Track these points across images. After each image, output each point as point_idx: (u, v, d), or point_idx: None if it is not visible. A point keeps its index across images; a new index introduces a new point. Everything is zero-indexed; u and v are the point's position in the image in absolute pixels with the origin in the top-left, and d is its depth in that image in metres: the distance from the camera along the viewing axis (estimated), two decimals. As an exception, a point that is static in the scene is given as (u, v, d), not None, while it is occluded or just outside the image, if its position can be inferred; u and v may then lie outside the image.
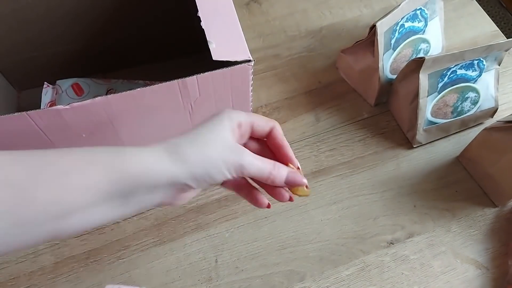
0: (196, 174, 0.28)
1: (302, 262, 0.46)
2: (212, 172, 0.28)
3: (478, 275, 0.46)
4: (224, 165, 0.28)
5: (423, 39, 0.56)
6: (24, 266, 0.45)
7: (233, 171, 0.29)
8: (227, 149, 0.29)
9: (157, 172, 0.27)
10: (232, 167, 0.28)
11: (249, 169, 0.29)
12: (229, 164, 0.28)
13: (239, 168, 0.29)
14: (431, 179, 0.52)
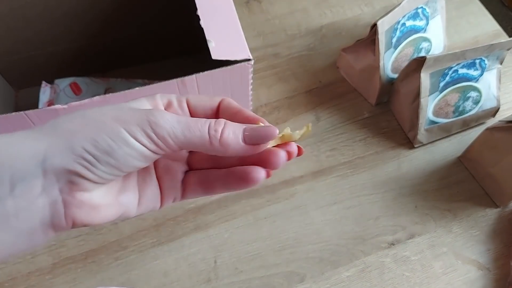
0: (78, 146, 0.19)
1: (302, 263, 0.46)
2: (104, 140, 0.19)
3: (480, 276, 0.46)
4: (122, 127, 0.20)
5: (424, 38, 0.55)
6: (21, 266, 0.45)
7: (141, 133, 0.20)
8: (129, 111, 0.21)
9: (14, 152, 0.19)
10: (138, 127, 0.20)
11: (167, 127, 0.20)
12: (131, 124, 0.20)
13: (149, 125, 0.20)
14: (433, 179, 0.51)
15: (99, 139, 0.20)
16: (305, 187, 0.50)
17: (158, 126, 0.21)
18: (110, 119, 0.20)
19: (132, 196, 0.24)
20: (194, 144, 0.21)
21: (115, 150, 0.20)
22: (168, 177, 0.26)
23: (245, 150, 0.22)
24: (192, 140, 0.21)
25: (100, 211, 0.22)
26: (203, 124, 0.22)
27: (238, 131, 0.22)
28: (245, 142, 0.22)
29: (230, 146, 0.22)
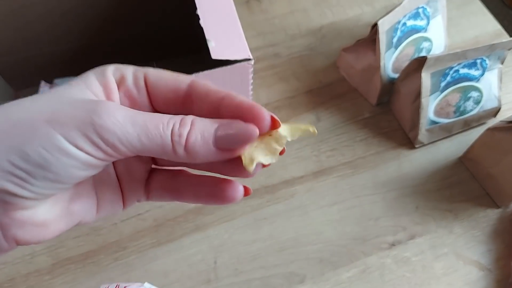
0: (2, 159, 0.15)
1: (302, 263, 0.45)
2: (35, 151, 0.16)
3: (481, 276, 0.45)
4: (58, 132, 0.16)
5: (425, 38, 0.55)
6: (20, 267, 0.45)
7: (84, 139, 0.16)
8: (68, 106, 0.16)
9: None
10: (79, 132, 0.16)
11: (117, 131, 0.16)
12: (69, 128, 0.16)
13: (94, 129, 0.16)
14: (433, 179, 0.51)
15: (28, 150, 0.15)
16: (305, 187, 0.50)
17: (105, 130, 0.16)
18: (41, 122, 0.16)
19: (87, 203, 0.21)
20: (153, 152, 0.17)
21: (51, 163, 0.16)
22: (129, 177, 0.22)
23: (218, 156, 0.18)
24: (151, 148, 0.17)
25: (48, 227, 0.18)
26: (165, 127, 0.17)
27: (208, 132, 0.18)
28: (217, 147, 0.18)
29: (198, 154, 0.18)
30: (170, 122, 0.17)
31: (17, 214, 0.17)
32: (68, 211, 0.19)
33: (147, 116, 0.17)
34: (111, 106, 0.17)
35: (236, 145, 0.18)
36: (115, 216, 0.47)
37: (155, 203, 0.48)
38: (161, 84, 0.20)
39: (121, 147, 0.17)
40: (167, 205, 0.48)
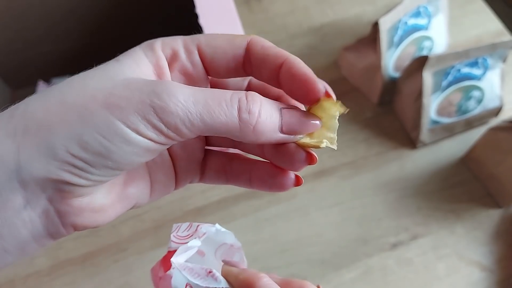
0: (60, 148, 0.15)
1: (303, 265, 0.45)
2: (95, 139, 0.15)
3: (483, 277, 0.45)
4: (117, 118, 0.15)
5: (426, 37, 0.55)
6: (19, 269, 0.44)
7: (145, 124, 0.15)
8: (124, 88, 0.16)
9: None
10: (139, 116, 0.15)
11: (180, 112, 0.15)
12: (128, 113, 0.15)
13: (155, 112, 0.15)
14: (435, 180, 0.51)
15: (88, 138, 0.15)
16: (306, 188, 0.50)
17: (167, 112, 0.15)
18: (98, 106, 0.15)
19: (142, 185, 0.20)
20: (217, 131, 0.16)
21: (112, 151, 0.15)
22: (184, 156, 0.21)
23: (278, 140, 0.18)
24: (215, 127, 0.16)
25: (106, 211, 0.18)
26: (229, 104, 0.16)
27: (275, 114, 0.17)
28: (282, 131, 0.17)
29: (264, 135, 0.17)
30: (234, 99, 0.16)
31: (75, 201, 0.17)
32: (123, 195, 0.19)
33: (208, 93, 0.16)
34: (170, 85, 0.16)
35: (299, 132, 0.18)
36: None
37: (154, 204, 0.48)
38: (218, 54, 0.18)
39: (184, 130, 0.16)
40: (166, 206, 0.48)
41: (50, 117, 0.15)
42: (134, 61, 0.17)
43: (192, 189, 0.49)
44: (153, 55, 0.18)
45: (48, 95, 0.16)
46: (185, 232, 0.24)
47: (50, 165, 0.15)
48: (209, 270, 0.23)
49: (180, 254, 0.23)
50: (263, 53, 0.19)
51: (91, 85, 0.16)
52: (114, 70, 0.17)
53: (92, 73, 0.17)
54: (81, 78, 0.16)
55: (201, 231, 0.24)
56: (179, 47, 0.19)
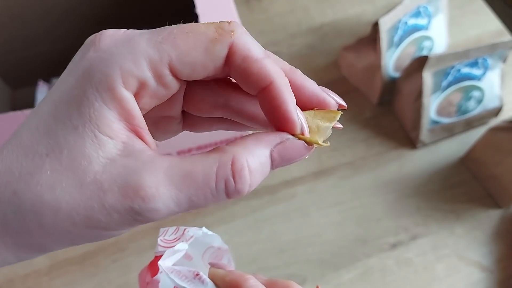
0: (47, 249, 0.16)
1: (302, 265, 0.45)
2: (84, 241, 0.16)
3: (483, 278, 0.45)
4: (104, 232, 0.15)
5: (426, 37, 0.54)
6: (19, 268, 0.44)
7: (133, 225, 0.16)
8: (99, 202, 0.15)
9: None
10: (126, 223, 0.15)
11: (161, 207, 0.15)
12: (114, 226, 0.15)
13: (143, 216, 0.15)
14: (435, 180, 0.51)
15: (77, 242, 0.16)
16: (306, 188, 0.49)
17: (154, 212, 0.15)
18: (81, 228, 0.15)
19: None
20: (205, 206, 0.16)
21: (97, 240, 0.16)
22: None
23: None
24: (203, 204, 0.15)
25: None
26: (215, 194, 0.15)
27: (265, 164, 0.16)
28: (273, 167, 0.16)
29: (255, 185, 0.16)
30: (220, 184, 0.15)
31: None
32: None
33: (191, 188, 0.15)
34: (150, 198, 0.14)
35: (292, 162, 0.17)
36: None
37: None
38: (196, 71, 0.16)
39: (173, 212, 0.15)
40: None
41: (37, 239, 0.15)
42: (94, 125, 0.15)
43: (192, 189, 0.49)
44: (115, 102, 0.15)
45: (22, 213, 0.15)
46: (172, 235, 0.25)
47: (44, 253, 0.16)
48: (196, 273, 0.23)
49: (167, 257, 0.23)
50: (245, 69, 0.16)
51: (63, 199, 0.14)
52: (80, 162, 0.14)
53: (58, 172, 0.14)
54: (49, 185, 0.14)
55: (188, 234, 0.24)
56: (145, 75, 0.15)
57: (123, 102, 0.15)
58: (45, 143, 0.15)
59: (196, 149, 0.47)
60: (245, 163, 0.15)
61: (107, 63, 0.15)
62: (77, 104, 0.15)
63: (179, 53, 0.15)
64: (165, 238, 0.24)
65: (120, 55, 0.15)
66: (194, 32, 0.15)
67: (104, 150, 0.15)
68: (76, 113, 0.15)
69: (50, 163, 0.15)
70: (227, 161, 0.15)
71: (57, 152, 0.15)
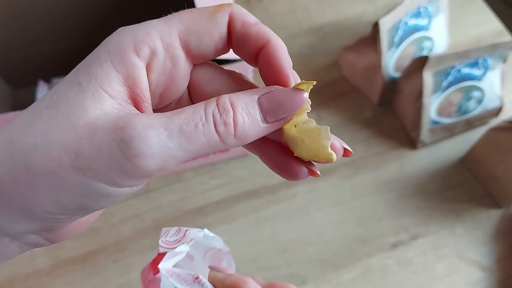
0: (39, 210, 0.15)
1: (303, 265, 0.45)
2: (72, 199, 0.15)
3: (483, 277, 0.45)
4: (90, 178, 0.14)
5: (427, 37, 0.55)
6: (19, 268, 0.44)
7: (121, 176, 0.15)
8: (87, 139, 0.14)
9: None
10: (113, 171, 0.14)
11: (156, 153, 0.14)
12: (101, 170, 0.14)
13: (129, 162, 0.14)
14: (435, 180, 0.51)
15: (65, 200, 0.15)
16: (306, 188, 0.50)
17: (144, 159, 0.14)
18: (68, 170, 0.14)
19: None
20: (200, 152, 0.15)
21: (90, 206, 0.15)
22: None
23: (269, 129, 0.17)
24: (198, 149, 0.15)
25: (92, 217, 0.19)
26: (205, 124, 0.15)
27: (253, 108, 0.16)
28: (266, 121, 0.16)
29: (249, 135, 0.16)
30: (208, 114, 0.15)
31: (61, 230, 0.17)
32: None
33: (180, 119, 0.15)
34: (137, 126, 0.14)
35: (286, 114, 0.17)
36: (113, 217, 0.47)
37: (154, 204, 0.48)
38: (204, 41, 0.17)
39: (167, 165, 0.15)
40: (166, 206, 0.48)
41: (21, 188, 0.15)
42: (98, 83, 0.15)
43: (193, 189, 0.49)
44: (123, 66, 0.16)
45: (12, 157, 0.14)
46: (173, 237, 0.24)
47: (32, 223, 0.15)
48: (196, 276, 0.23)
49: (168, 259, 0.23)
50: (244, 32, 0.17)
51: (54, 141, 0.14)
52: (78, 109, 0.15)
53: (55, 119, 0.15)
54: (43, 129, 0.15)
55: (189, 236, 0.24)
56: (156, 44, 0.16)
57: (130, 67, 0.16)
58: (48, 99, 0.15)
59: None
60: (227, 99, 0.16)
61: (121, 34, 0.16)
62: (87, 65, 0.16)
63: (186, 25, 0.17)
64: (166, 239, 0.24)
65: (134, 28, 0.16)
66: (197, 9, 0.17)
67: (102, 104, 0.15)
68: (84, 72, 0.16)
69: (48, 113, 0.15)
70: (213, 100, 0.16)
71: (57, 104, 0.15)
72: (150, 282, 0.23)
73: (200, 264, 0.25)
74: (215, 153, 0.48)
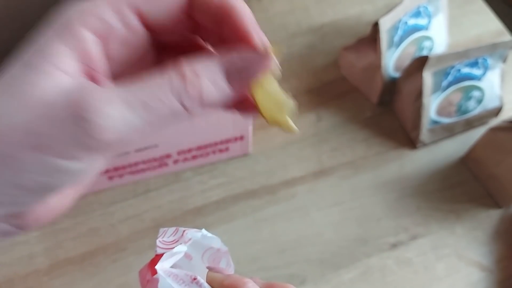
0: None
1: (302, 265, 0.45)
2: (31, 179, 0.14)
3: (483, 277, 0.45)
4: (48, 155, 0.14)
5: (426, 37, 0.55)
6: (18, 268, 0.44)
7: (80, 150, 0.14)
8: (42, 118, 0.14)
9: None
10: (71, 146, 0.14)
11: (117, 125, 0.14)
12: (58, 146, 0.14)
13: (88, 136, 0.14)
14: (435, 180, 0.51)
15: (26, 182, 0.14)
16: (305, 188, 0.50)
17: (105, 133, 0.14)
18: (26, 151, 0.14)
19: None
20: (167, 124, 0.15)
21: (53, 184, 0.15)
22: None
23: (235, 93, 0.16)
24: (163, 121, 0.15)
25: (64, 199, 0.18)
26: (165, 92, 0.14)
27: (217, 75, 0.15)
28: (232, 86, 0.16)
29: (216, 103, 0.16)
30: (174, 85, 0.15)
31: (30, 214, 0.16)
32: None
33: (141, 91, 0.14)
34: (95, 101, 0.14)
35: (251, 78, 0.16)
36: (112, 217, 0.47)
37: (153, 203, 0.48)
38: (161, 12, 0.16)
39: (132, 137, 0.15)
40: (166, 206, 0.48)
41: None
42: (48, 61, 0.14)
43: (192, 189, 0.49)
44: (72, 40, 0.15)
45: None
46: (171, 237, 0.25)
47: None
48: (194, 277, 0.23)
49: (165, 260, 0.23)
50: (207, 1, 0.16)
51: (9, 123, 0.14)
52: (28, 87, 0.14)
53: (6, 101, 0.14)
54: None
55: (187, 236, 0.24)
56: (105, 14, 0.15)
57: (80, 40, 0.15)
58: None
59: (196, 149, 0.47)
60: (190, 68, 0.15)
61: (68, 9, 0.15)
62: (35, 44, 0.15)
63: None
64: (163, 239, 0.24)
65: (81, 0, 0.16)
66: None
67: (54, 80, 0.14)
68: (33, 51, 0.15)
69: (6, 91, 0.14)
70: (175, 69, 0.15)
71: (6, 85, 0.15)
72: (148, 282, 0.23)
73: (198, 264, 0.25)
74: (214, 153, 0.49)
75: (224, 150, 0.49)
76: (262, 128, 0.53)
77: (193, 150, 0.47)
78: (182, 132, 0.43)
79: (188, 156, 0.48)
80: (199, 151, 0.47)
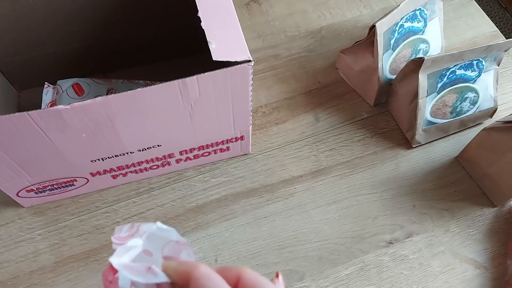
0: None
1: (301, 261, 0.46)
2: None
3: (477, 275, 0.46)
4: None
5: (422, 40, 0.56)
6: (24, 265, 0.45)
7: None
8: None
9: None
10: None
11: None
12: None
13: None
14: (430, 179, 0.52)
15: None
16: (304, 186, 0.51)
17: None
18: None
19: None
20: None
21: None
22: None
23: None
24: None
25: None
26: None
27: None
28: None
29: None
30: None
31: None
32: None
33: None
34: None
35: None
36: (116, 214, 0.48)
37: (156, 202, 0.49)
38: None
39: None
40: (168, 204, 0.49)
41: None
42: None
43: (194, 187, 0.50)
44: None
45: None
46: (126, 233, 0.25)
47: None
48: (149, 267, 0.23)
49: (121, 254, 0.23)
50: None
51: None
52: None
53: None
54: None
55: (142, 230, 0.24)
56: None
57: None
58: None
59: (198, 149, 0.48)
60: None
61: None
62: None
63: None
64: (119, 235, 0.25)
65: None
66: None
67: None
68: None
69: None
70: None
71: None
72: (111, 282, 0.23)
73: (159, 260, 0.25)
74: (215, 153, 0.50)
75: (225, 150, 0.50)
76: (262, 129, 0.55)
77: (195, 150, 0.48)
78: (185, 133, 0.44)
79: (190, 156, 0.48)
80: (200, 150, 0.48)
